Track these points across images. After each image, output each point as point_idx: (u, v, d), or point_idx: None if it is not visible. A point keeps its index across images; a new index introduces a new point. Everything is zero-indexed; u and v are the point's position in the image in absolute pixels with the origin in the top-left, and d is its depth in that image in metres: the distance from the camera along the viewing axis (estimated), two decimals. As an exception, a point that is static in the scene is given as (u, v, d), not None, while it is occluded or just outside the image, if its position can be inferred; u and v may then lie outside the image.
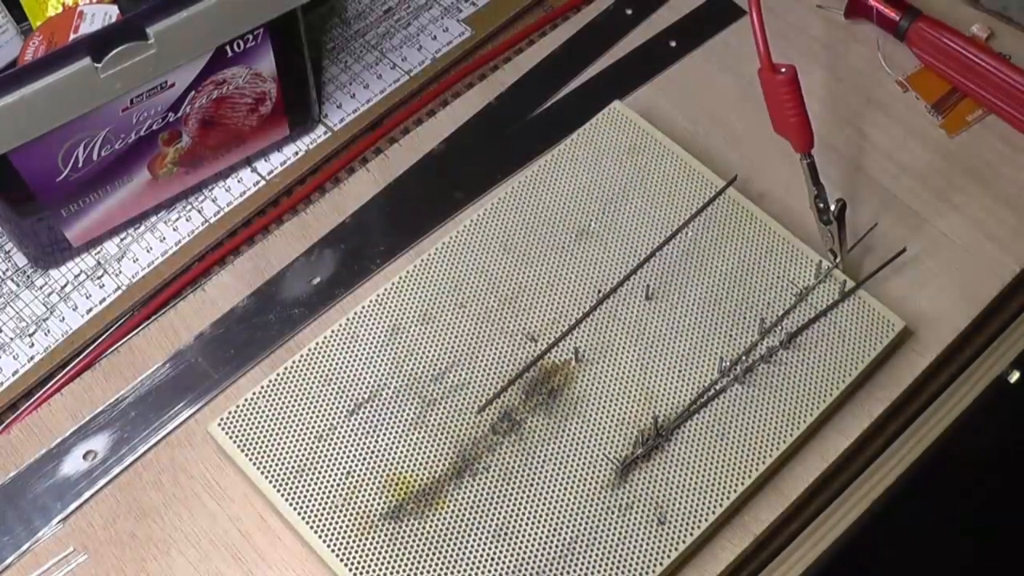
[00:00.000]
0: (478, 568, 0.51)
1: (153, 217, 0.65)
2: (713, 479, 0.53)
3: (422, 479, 0.54)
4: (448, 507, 0.53)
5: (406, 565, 0.51)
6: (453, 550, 0.52)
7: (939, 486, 0.82)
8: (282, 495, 0.53)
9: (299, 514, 0.53)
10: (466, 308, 0.59)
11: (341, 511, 0.53)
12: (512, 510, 0.53)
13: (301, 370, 0.57)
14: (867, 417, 0.57)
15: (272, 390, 0.56)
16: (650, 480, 0.53)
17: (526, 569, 0.51)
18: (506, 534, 0.52)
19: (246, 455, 0.54)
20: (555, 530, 0.52)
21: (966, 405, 0.59)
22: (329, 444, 0.55)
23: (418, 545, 0.52)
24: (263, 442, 0.55)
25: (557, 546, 0.52)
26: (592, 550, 0.52)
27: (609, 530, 0.52)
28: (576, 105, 0.69)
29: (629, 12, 0.73)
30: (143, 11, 0.55)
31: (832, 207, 0.57)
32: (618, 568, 0.51)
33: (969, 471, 0.97)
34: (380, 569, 0.51)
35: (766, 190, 0.65)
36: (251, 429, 0.55)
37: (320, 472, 0.54)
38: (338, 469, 0.54)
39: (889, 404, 0.57)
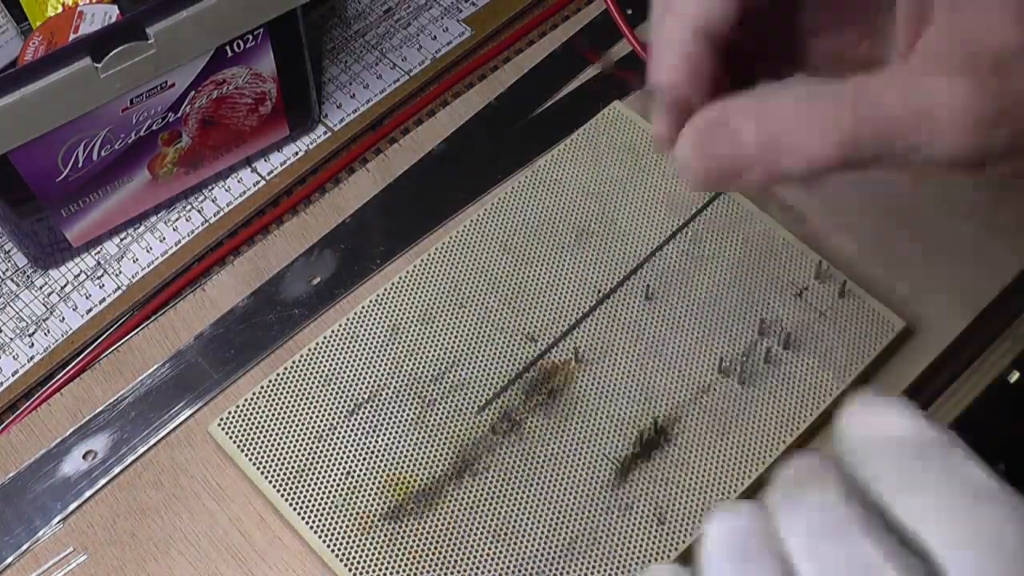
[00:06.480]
0: (478, 568, 0.51)
1: (153, 217, 0.65)
2: (713, 479, 0.53)
3: (422, 479, 0.54)
4: (448, 507, 0.53)
5: (406, 565, 0.51)
6: (453, 550, 0.52)
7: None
8: (282, 495, 0.53)
9: (299, 514, 0.53)
10: (466, 308, 0.59)
11: (341, 511, 0.53)
12: (512, 510, 0.53)
13: (301, 370, 0.57)
14: (867, 417, 0.57)
15: (272, 390, 0.56)
16: (650, 480, 0.53)
17: (526, 569, 0.51)
18: (506, 534, 0.52)
19: (246, 455, 0.54)
20: (555, 530, 0.52)
21: (966, 405, 0.59)
22: (329, 444, 0.55)
23: (418, 545, 0.52)
24: (263, 442, 0.55)
25: (557, 546, 0.52)
26: (592, 550, 0.52)
27: (609, 530, 0.52)
28: (576, 105, 0.69)
29: (629, 12, 0.73)
30: (143, 11, 0.55)
31: None
32: (618, 568, 0.51)
33: (969, 471, 0.97)
34: (380, 569, 0.51)
35: (766, 190, 0.65)
36: (251, 429, 0.55)
37: (320, 472, 0.54)
38: (338, 469, 0.54)
39: (889, 404, 0.57)
